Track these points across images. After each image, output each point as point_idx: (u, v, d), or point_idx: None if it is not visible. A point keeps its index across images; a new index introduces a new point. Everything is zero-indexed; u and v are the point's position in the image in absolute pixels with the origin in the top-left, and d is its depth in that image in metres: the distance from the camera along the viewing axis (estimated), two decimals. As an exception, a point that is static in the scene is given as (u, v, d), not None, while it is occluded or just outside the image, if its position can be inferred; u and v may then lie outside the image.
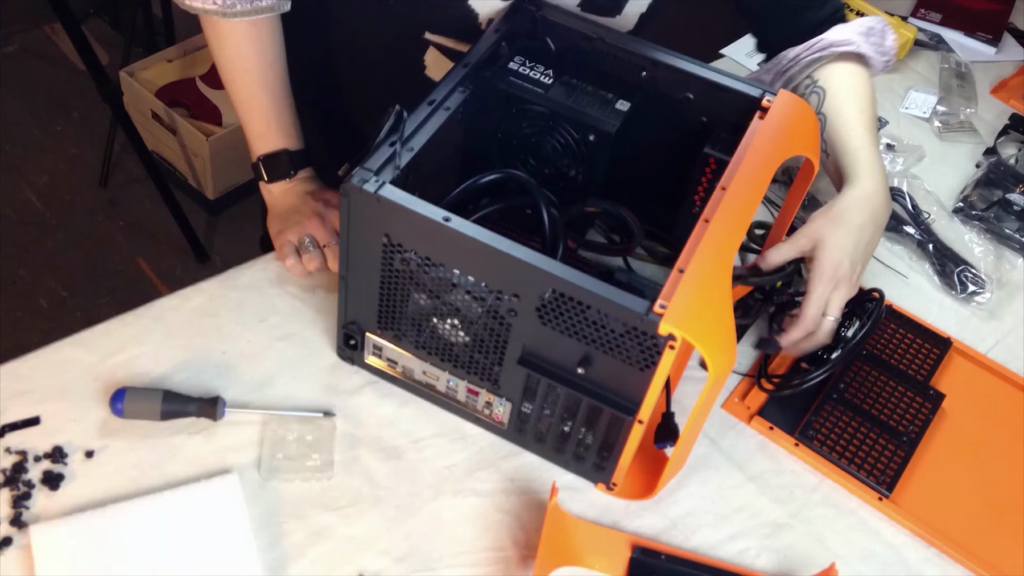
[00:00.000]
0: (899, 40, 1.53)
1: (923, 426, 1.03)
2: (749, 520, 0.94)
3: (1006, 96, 1.54)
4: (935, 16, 1.66)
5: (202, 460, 0.89)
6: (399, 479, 0.90)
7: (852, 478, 0.98)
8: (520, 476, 0.93)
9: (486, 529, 0.88)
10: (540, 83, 0.95)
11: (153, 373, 0.94)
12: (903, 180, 1.31)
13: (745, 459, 0.98)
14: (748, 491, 0.96)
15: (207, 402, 0.90)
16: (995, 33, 1.65)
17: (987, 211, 1.29)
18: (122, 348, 0.95)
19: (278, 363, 0.97)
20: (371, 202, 0.80)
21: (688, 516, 0.93)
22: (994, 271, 1.23)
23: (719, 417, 1.01)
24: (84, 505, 0.84)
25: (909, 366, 1.09)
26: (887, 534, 0.95)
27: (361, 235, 0.84)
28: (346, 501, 0.88)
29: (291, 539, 0.85)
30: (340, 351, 0.98)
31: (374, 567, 0.84)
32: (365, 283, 0.88)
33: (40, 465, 0.86)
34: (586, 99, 0.95)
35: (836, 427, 1.01)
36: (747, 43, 1.55)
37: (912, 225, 1.26)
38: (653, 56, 0.95)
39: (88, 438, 0.88)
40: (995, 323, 1.17)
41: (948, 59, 1.58)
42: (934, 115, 1.45)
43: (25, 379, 0.91)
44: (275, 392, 0.95)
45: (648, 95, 0.97)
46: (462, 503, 0.90)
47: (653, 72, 0.96)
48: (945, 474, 1.01)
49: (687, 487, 0.95)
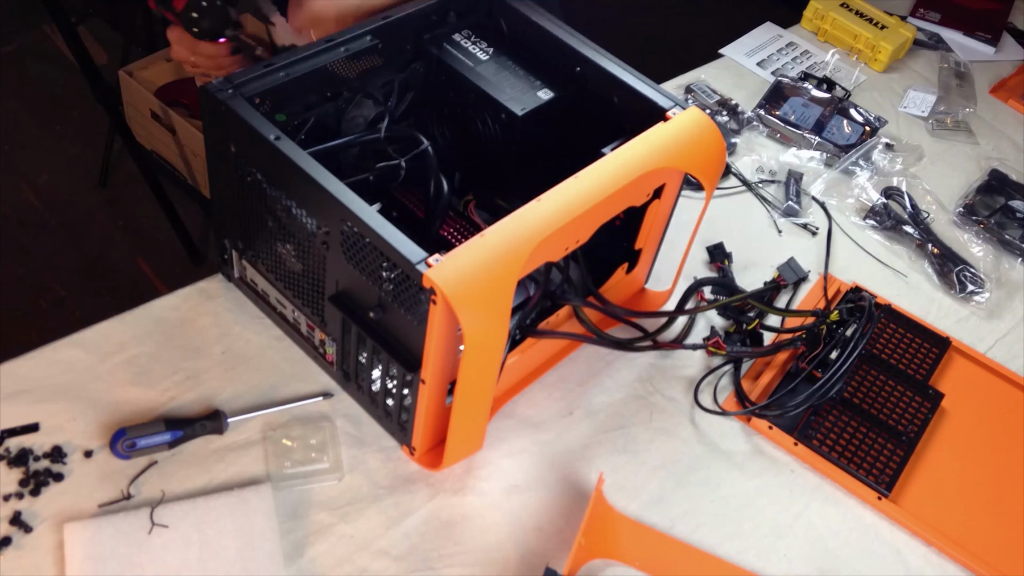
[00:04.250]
0: (898, 40, 1.54)
1: (922, 426, 1.03)
2: (748, 520, 0.94)
3: (1005, 96, 1.54)
4: (934, 16, 1.66)
5: (202, 459, 0.89)
6: (399, 478, 0.90)
7: (851, 478, 0.98)
8: (520, 475, 0.93)
9: (486, 529, 0.88)
10: (475, 57, 0.98)
11: (152, 373, 0.94)
12: (902, 179, 1.31)
13: (745, 459, 0.98)
14: (748, 491, 0.96)
15: (210, 419, 0.89)
16: (994, 33, 1.65)
17: (989, 217, 1.29)
18: (121, 348, 0.95)
19: (277, 361, 0.97)
20: (219, 110, 0.83)
21: (688, 515, 0.93)
22: (993, 271, 1.23)
23: (719, 416, 1.01)
24: (84, 505, 0.84)
25: (908, 366, 1.09)
26: (886, 533, 0.95)
27: (217, 145, 0.89)
28: (346, 500, 0.88)
29: (290, 538, 0.85)
30: (218, 264, 1.02)
31: (374, 567, 0.84)
32: (227, 198, 0.93)
33: (39, 464, 0.86)
34: (511, 81, 0.97)
35: (835, 427, 1.01)
36: (747, 43, 1.55)
37: (911, 225, 1.26)
38: (587, 55, 0.97)
39: (87, 438, 0.88)
40: (994, 322, 1.17)
41: (947, 59, 1.58)
42: (931, 115, 1.45)
43: (24, 379, 0.91)
44: (275, 390, 0.95)
45: (578, 91, 0.98)
46: (462, 503, 0.90)
47: (585, 69, 0.98)
48: (944, 473, 1.01)
49: (687, 487, 0.95)
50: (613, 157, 0.86)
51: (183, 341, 0.97)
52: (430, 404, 0.85)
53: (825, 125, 1.37)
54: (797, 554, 0.92)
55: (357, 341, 0.88)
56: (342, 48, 0.91)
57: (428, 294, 0.74)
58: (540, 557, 0.87)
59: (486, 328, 0.76)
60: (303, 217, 0.84)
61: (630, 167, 0.86)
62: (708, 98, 1.40)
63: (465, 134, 1.00)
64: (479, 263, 0.75)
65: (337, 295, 0.87)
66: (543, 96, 0.97)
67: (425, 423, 0.87)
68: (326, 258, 0.85)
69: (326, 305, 0.88)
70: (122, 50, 2.44)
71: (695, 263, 1.16)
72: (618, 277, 1.04)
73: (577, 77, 0.99)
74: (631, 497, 0.93)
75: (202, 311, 1.00)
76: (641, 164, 0.86)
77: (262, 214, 0.89)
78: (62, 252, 2.18)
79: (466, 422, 0.87)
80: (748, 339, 1.07)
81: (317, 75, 0.90)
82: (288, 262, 0.90)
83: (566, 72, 0.99)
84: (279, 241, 0.90)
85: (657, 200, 0.97)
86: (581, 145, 0.92)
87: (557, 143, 0.99)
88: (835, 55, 1.53)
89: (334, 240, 0.82)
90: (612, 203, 0.87)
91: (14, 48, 2.62)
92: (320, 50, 0.90)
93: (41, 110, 2.47)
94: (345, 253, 0.82)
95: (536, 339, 0.95)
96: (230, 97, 0.84)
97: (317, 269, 0.87)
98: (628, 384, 1.03)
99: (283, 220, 0.87)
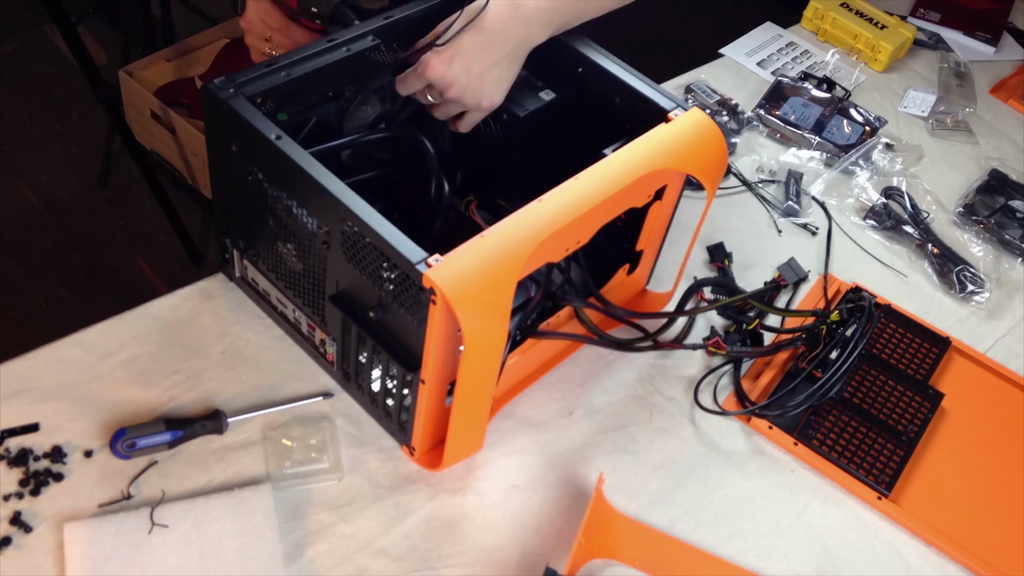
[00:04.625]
0: (898, 40, 1.54)
1: (922, 426, 1.03)
2: (748, 520, 0.94)
3: (1005, 96, 1.54)
4: (934, 16, 1.66)
5: (202, 459, 0.89)
6: (399, 478, 0.90)
7: (851, 477, 0.98)
8: (520, 475, 0.93)
9: (486, 529, 0.88)
10: None
11: (152, 373, 0.94)
12: (902, 179, 1.31)
13: (745, 459, 0.98)
14: (747, 490, 0.96)
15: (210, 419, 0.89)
16: (994, 33, 1.65)
17: (989, 217, 1.29)
18: (121, 348, 0.95)
19: (277, 361, 0.97)
20: (221, 110, 0.83)
21: (687, 515, 0.93)
22: (993, 270, 1.23)
23: (719, 416, 1.01)
24: (84, 505, 0.84)
25: (908, 366, 1.09)
26: (886, 533, 0.95)
27: (218, 145, 0.89)
28: (346, 500, 0.88)
29: (290, 538, 0.85)
30: (219, 264, 1.02)
31: (374, 566, 0.84)
32: (228, 197, 0.92)
33: (39, 464, 0.86)
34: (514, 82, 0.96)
35: (835, 427, 1.01)
36: (747, 43, 1.55)
37: (911, 225, 1.26)
38: (589, 56, 0.97)
39: (87, 438, 0.88)
40: (994, 322, 1.17)
41: (947, 59, 1.58)
42: (931, 115, 1.45)
43: (24, 379, 0.91)
44: (275, 390, 0.95)
45: (580, 92, 0.98)
46: (462, 503, 0.90)
47: (587, 70, 0.98)
48: (944, 473, 1.01)
49: (686, 486, 0.95)
50: (614, 158, 0.86)
51: (183, 341, 0.97)
52: (430, 404, 0.85)
53: (825, 125, 1.37)
54: (797, 554, 0.92)
55: (357, 341, 0.88)
56: (344, 48, 0.91)
57: (428, 294, 0.74)
58: (540, 557, 0.87)
59: (486, 328, 0.76)
60: (304, 217, 0.84)
61: (631, 168, 0.86)
62: (708, 98, 1.40)
63: (466, 135, 1.00)
64: (479, 263, 0.75)
65: (337, 295, 0.87)
66: (545, 97, 0.97)
67: (425, 423, 0.87)
68: (326, 258, 0.85)
69: (326, 305, 0.88)
70: (122, 50, 2.44)
71: (696, 263, 1.16)
72: (619, 278, 1.04)
73: (578, 78, 0.99)
74: (631, 497, 0.93)
75: (202, 311, 1.00)
76: (642, 165, 0.86)
77: (263, 213, 0.89)
78: (62, 252, 2.18)
79: (466, 422, 0.87)
80: (748, 339, 1.07)
81: (319, 75, 0.90)
82: (289, 261, 0.90)
83: (567, 73, 0.99)
84: (280, 240, 0.90)
85: (658, 201, 0.97)
86: (582, 146, 0.92)
87: (558, 144, 0.99)
88: (835, 55, 1.53)
89: (334, 240, 0.82)
90: (613, 204, 0.87)
91: (14, 48, 2.62)
92: (322, 50, 0.90)
93: (41, 110, 2.47)
94: (345, 253, 0.82)
95: (536, 340, 0.95)
96: (232, 96, 0.84)
97: (317, 269, 0.87)
98: (628, 384, 1.03)
99: (284, 220, 0.87)
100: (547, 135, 0.98)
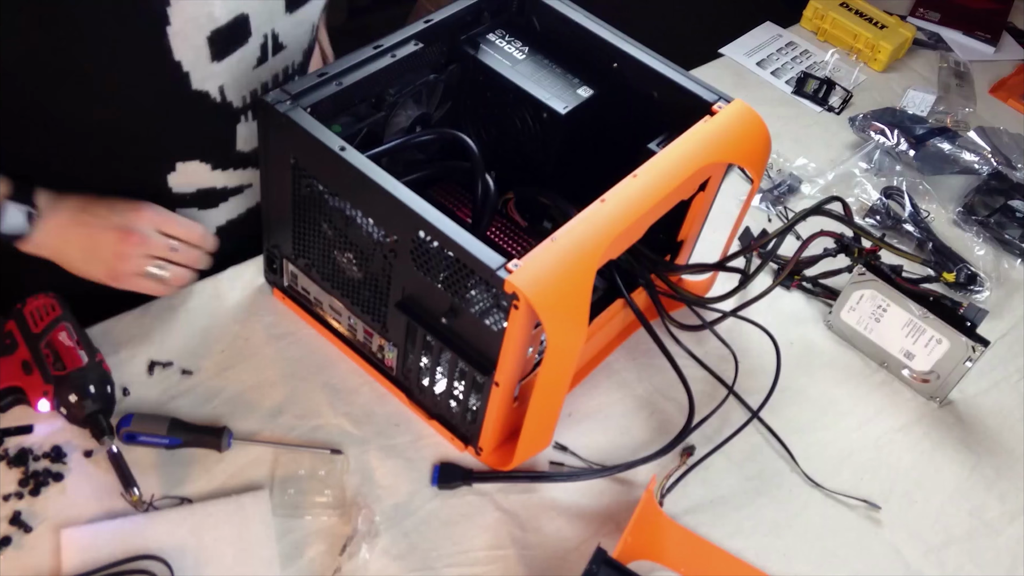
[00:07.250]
0: (898, 39, 1.53)
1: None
2: (748, 519, 0.94)
3: (1005, 95, 1.54)
4: (934, 15, 1.66)
5: (202, 462, 0.88)
6: (399, 477, 0.90)
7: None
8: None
9: (486, 529, 0.88)
10: (511, 56, 0.97)
11: (152, 373, 0.94)
12: (902, 179, 1.31)
13: (744, 458, 0.98)
14: (747, 490, 0.96)
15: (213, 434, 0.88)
16: (994, 32, 1.65)
17: (989, 217, 1.29)
18: (121, 348, 0.95)
19: (277, 362, 0.97)
20: (280, 123, 0.82)
21: (687, 515, 0.93)
22: (993, 270, 1.23)
23: (718, 416, 1.01)
24: (83, 505, 0.84)
25: (908, 365, 1.09)
26: (886, 533, 0.95)
27: (274, 157, 0.87)
28: (346, 499, 0.88)
29: (289, 538, 0.85)
30: (266, 274, 1.01)
31: (374, 566, 0.84)
32: (281, 208, 0.91)
33: (39, 464, 0.86)
34: (550, 80, 0.96)
35: (835, 426, 1.01)
36: (747, 43, 1.55)
37: (911, 225, 1.26)
38: (624, 49, 0.96)
39: (87, 438, 0.87)
40: (994, 322, 1.17)
41: (947, 58, 1.58)
42: (930, 114, 1.45)
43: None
44: (276, 393, 0.95)
45: (617, 87, 0.98)
46: (462, 503, 0.90)
47: (623, 65, 0.97)
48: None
49: (686, 486, 0.95)
50: (668, 153, 0.86)
51: (182, 341, 0.97)
52: (501, 405, 0.85)
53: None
54: (797, 554, 0.92)
55: (422, 346, 0.88)
56: (389, 55, 0.90)
57: (510, 299, 0.74)
58: (540, 557, 0.87)
59: (568, 329, 0.77)
60: (368, 226, 0.83)
61: (686, 163, 0.86)
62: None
63: (503, 133, 0.99)
64: (555, 266, 0.75)
65: (403, 301, 0.86)
66: (583, 93, 0.96)
67: (495, 423, 0.87)
68: (392, 266, 0.84)
69: (389, 311, 0.87)
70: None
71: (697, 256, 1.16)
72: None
73: (614, 72, 0.98)
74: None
75: (202, 311, 1.00)
76: (696, 160, 0.87)
77: (318, 224, 0.88)
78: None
79: (540, 421, 0.88)
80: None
81: (367, 83, 0.88)
82: (348, 270, 0.89)
83: (603, 68, 0.98)
84: (337, 250, 0.89)
85: (702, 192, 0.97)
86: (622, 141, 0.92)
87: (597, 140, 0.98)
88: (835, 55, 1.53)
89: (403, 248, 0.81)
90: (669, 199, 0.88)
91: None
92: (368, 57, 0.89)
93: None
94: (415, 261, 0.81)
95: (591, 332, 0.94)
96: (290, 108, 0.82)
97: (381, 277, 0.86)
98: (628, 384, 1.03)
99: (343, 229, 0.86)
100: (586, 131, 0.97)
